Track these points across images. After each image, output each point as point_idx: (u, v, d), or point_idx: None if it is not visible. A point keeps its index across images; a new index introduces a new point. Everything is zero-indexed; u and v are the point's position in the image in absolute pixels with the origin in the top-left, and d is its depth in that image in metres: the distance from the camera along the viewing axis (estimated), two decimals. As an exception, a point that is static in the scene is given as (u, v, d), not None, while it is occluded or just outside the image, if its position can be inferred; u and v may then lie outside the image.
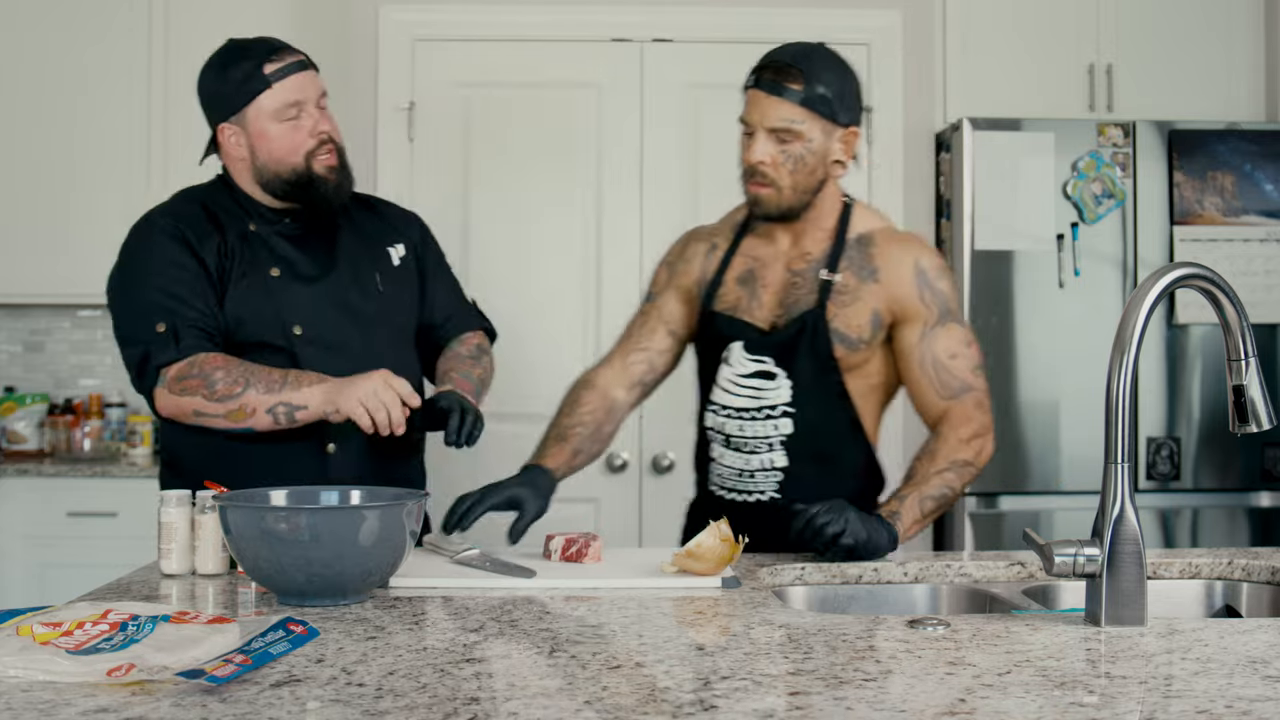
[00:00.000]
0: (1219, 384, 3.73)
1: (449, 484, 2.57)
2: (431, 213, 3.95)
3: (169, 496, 1.94)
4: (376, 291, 2.38)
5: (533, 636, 1.51)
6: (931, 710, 1.19)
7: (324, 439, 2.26)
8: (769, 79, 2.13)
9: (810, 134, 2.14)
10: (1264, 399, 1.62)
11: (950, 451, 2.11)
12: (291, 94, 2.26)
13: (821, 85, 2.13)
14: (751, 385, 2.20)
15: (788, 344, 2.18)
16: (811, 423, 2.19)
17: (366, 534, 1.64)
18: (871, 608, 1.98)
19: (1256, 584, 2.01)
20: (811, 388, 2.18)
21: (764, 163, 2.14)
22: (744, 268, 2.27)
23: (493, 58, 3.98)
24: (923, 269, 2.17)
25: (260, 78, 2.25)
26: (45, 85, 4.03)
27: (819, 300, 2.17)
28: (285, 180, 2.28)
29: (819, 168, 2.16)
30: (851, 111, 2.19)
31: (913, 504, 2.05)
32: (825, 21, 3.98)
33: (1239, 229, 3.75)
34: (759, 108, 2.14)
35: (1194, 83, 4.02)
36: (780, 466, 2.19)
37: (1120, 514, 1.55)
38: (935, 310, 2.17)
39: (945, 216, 3.90)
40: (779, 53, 2.17)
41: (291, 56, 2.28)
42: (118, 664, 1.27)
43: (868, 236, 2.22)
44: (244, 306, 2.25)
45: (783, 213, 2.18)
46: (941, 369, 2.17)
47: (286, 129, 2.27)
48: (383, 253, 2.44)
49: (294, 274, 2.31)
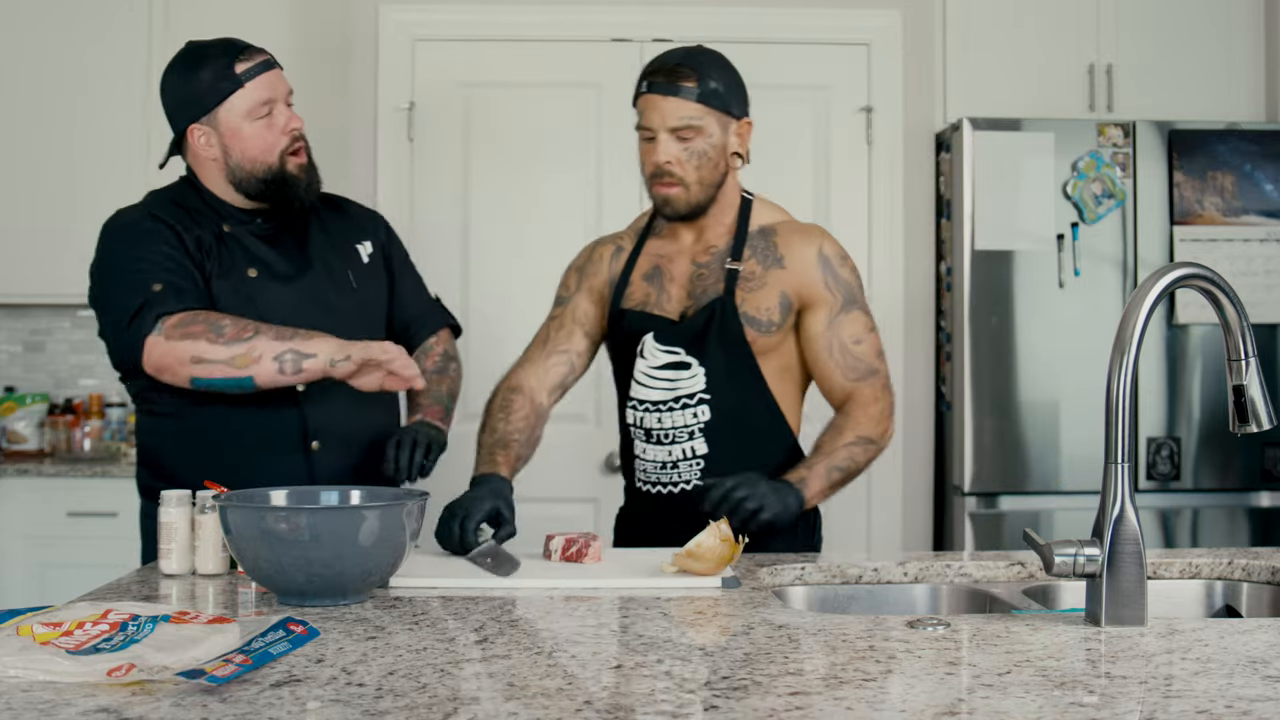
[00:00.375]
0: (1219, 384, 3.73)
1: (436, 483, 2.56)
2: (431, 213, 3.97)
3: (169, 496, 1.93)
4: (351, 289, 2.39)
5: (533, 636, 1.51)
6: (931, 710, 1.19)
7: (308, 437, 2.27)
8: (662, 81, 2.18)
9: (710, 129, 2.19)
10: (1264, 399, 1.62)
11: (857, 427, 2.20)
12: (264, 92, 2.27)
13: (713, 81, 2.19)
14: (666, 376, 2.23)
15: (699, 332, 2.21)
16: (729, 408, 2.22)
17: (366, 534, 1.64)
18: (871, 608, 1.98)
19: (1257, 584, 2.01)
20: (725, 373, 2.22)
21: (670, 162, 2.19)
22: (650, 265, 2.32)
23: (493, 58, 3.98)
24: (826, 257, 2.24)
25: (232, 77, 2.25)
26: (45, 85, 4.03)
27: (727, 288, 2.22)
28: (259, 179, 2.29)
29: (720, 161, 2.23)
30: (743, 104, 2.25)
31: (821, 472, 2.14)
32: (825, 21, 3.98)
33: (1239, 229, 3.75)
34: (657, 110, 2.18)
35: (1194, 83, 4.02)
36: (701, 454, 2.22)
37: (1120, 514, 1.55)
38: (840, 297, 2.24)
39: (945, 216, 3.90)
40: (665, 57, 2.22)
41: (259, 56, 2.29)
42: (118, 664, 1.27)
43: (770, 228, 2.28)
44: (223, 307, 2.25)
45: (692, 209, 2.23)
46: (847, 354, 2.24)
47: (260, 127, 2.27)
48: (352, 250, 2.45)
49: (271, 274, 2.32)
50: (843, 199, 3.97)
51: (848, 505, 3.94)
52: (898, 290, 3.96)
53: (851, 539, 3.95)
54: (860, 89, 3.99)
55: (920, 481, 3.98)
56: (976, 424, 3.71)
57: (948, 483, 3.89)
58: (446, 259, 3.90)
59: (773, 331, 2.22)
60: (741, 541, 1.88)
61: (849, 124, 3.99)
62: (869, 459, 2.22)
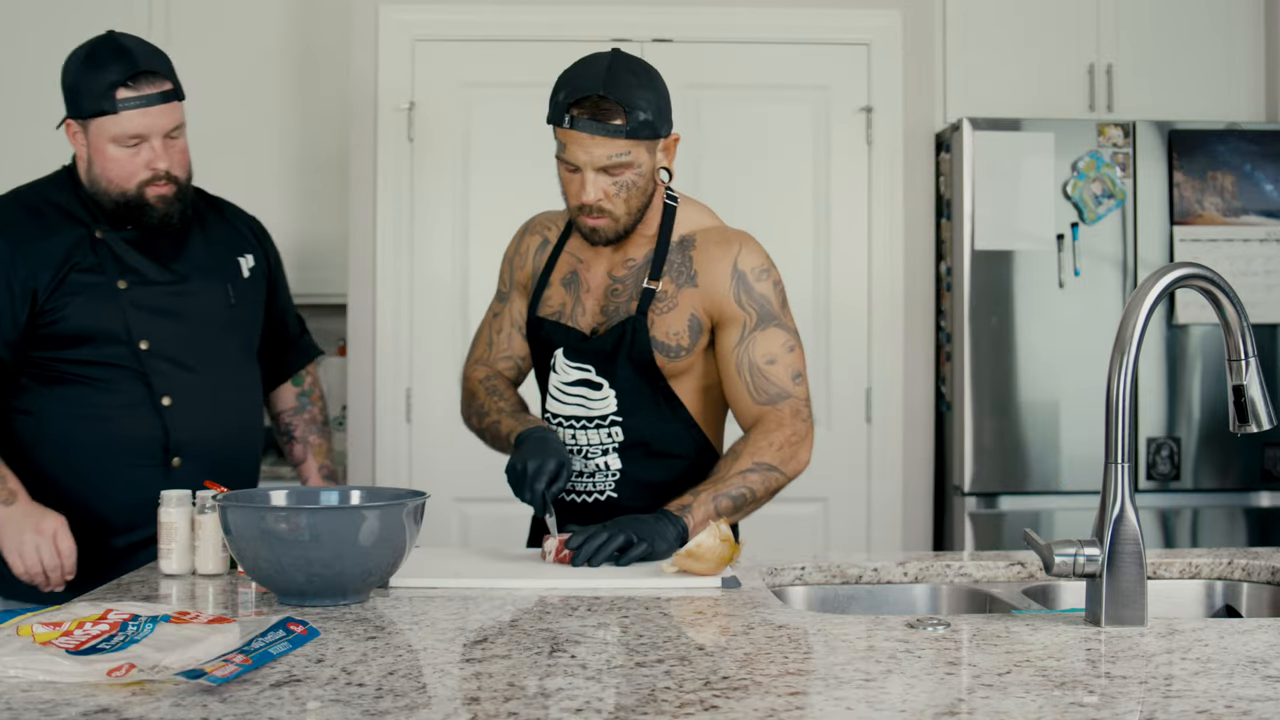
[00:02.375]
0: (1219, 384, 3.73)
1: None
2: (431, 213, 3.97)
3: (169, 496, 1.94)
4: (228, 305, 2.38)
5: (533, 636, 1.51)
6: (931, 710, 1.19)
7: (169, 453, 2.29)
8: (587, 119, 2.03)
9: (639, 159, 2.07)
10: (1264, 399, 1.62)
11: (756, 453, 2.08)
12: (135, 127, 2.23)
13: (642, 111, 2.05)
14: (578, 394, 2.17)
15: (608, 352, 2.14)
16: (642, 429, 2.16)
17: (366, 534, 1.64)
18: (871, 608, 1.98)
19: (1257, 584, 2.01)
20: (636, 396, 2.15)
21: (600, 199, 2.08)
22: (569, 269, 2.23)
23: (493, 58, 3.98)
24: (741, 272, 2.13)
25: (110, 99, 2.21)
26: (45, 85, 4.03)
27: (639, 308, 2.13)
28: (113, 199, 2.27)
29: (649, 185, 2.12)
30: (669, 120, 2.12)
31: (706, 500, 2.03)
32: (825, 21, 3.98)
33: (1239, 229, 3.75)
34: (583, 148, 2.05)
35: (1194, 83, 4.02)
36: (617, 469, 2.17)
37: (1120, 514, 1.55)
38: (754, 314, 2.13)
39: (945, 216, 3.90)
40: (584, 80, 2.05)
41: (152, 86, 2.24)
42: (118, 664, 1.27)
43: (689, 239, 2.17)
44: (89, 319, 2.24)
45: (620, 236, 2.14)
46: (758, 374, 2.13)
47: (123, 154, 2.24)
48: (233, 263, 2.42)
49: (143, 284, 2.29)
50: (843, 199, 3.97)
51: (848, 505, 3.95)
52: (898, 290, 3.95)
53: (851, 539, 3.95)
54: (860, 89, 3.99)
55: (920, 481, 3.98)
56: (976, 424, 3.71)
57: (948, 483, 3.89)
58: (446, 259, 3.90)
59: (682, 356, 2.14)
60: (742, 542, 1.88)
61: (849, 124, 3.99)
62: (770, 489, 2.09)
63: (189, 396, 2.31)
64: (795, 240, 3.93)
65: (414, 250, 3.91)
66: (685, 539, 1.98)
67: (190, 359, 2.32)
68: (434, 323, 3.90)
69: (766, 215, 3.92)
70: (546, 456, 2.04)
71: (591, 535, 1.94)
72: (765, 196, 3.93)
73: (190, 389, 2.30)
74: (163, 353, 2.28)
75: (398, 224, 3.90)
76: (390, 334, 3.89)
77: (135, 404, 2.26)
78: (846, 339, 3.95)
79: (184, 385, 2.29)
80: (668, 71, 3.99)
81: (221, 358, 2.37)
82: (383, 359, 3.89)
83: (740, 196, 3.90)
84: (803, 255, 3.94)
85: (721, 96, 3.96)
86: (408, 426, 3.89)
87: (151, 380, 2.27)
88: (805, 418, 2.14)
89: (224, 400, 2.37)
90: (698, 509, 2.02)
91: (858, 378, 3.95)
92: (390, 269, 3.89)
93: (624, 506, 2.13)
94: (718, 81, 3.96)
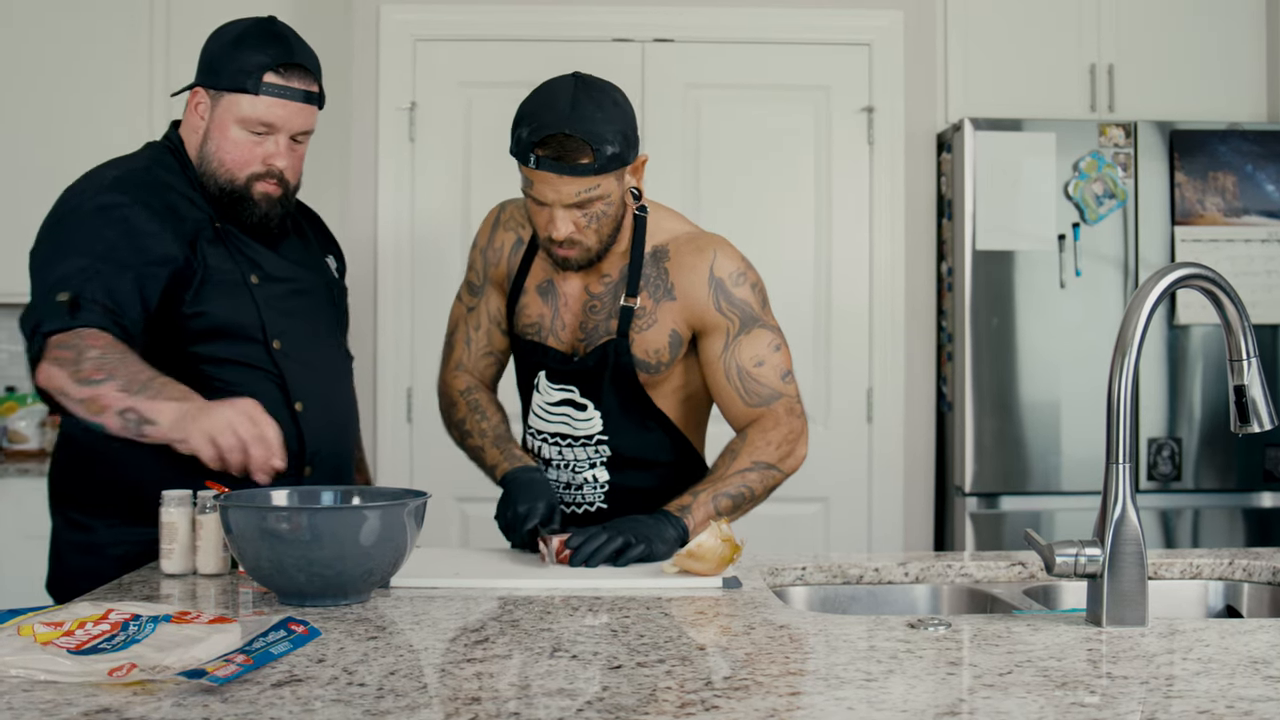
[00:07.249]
0: (1220, 384, 3.73)
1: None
2: (431, 213, 3.97)
3: (169, 496, 1.93)
4: (332, 304, 2.28)
5: (533, 636, 1.51)
6: (932, 710, 1.19)
7: (303, 462, 2.12)
8: (553, 161, 1.97)
9: (608, 190, 2.02)
10: (1265, 399, 1.62)
11: (754, 452, 2.08)
12: (269, 115, 2.09)
13: (609, 144, 1.98)
14: (562, 413, 2.16)
15: (591, 373, 2.13)
16: (629, 444, 2.16)
17: (367, 534, 1.64)
18: (872, 608, 1.98)
19: (1257, 584, 2.01)
20: (622, 415, 2.15)
21: (571, 233, 2.04)
22: (544, 275, 2.18)
23: (493, 58, 3.98)
24: (719, 279, 2.10)
25: (256, 80, 2.08)
26: (45, 85, 4.03)
27: (620, 328, 2.10)
28: (219, 185, 2.11)
29: (619, 210, 2.08)
30: (636, 144, 2.06)
31: (705, 500, 2.03)
32: (825, 21, 3.98)
33: (1240, 229, 3.75)
34: (552, 188, 2.00)
35: (1195, 83, 4.02)
36: (605, 480, 2.16)
37: (1121, 514, 1.55)
38: (736, 319, 2.11)
39: (946, 217, 3.90)
40: (548, 118, 1.98)
41: (300, 82, 2.11)
42: (119, 664, 1.27)
43: (662, 249, 2.14)
44: (228, 313, 2.08)
45: (593, 262, 2.10)
46: (748, 378, 2.11)
47: (246, 140, 2.10)
48: (324, 262, 2.31)
49: (269, 281, 2.14)
50: (844, 199, 3.97)
51: (849, 505, 3.95)
52: (899, 290, 3.95)
53: (852, 539, 3.95)
54: (861, 89, 3.99)
55: (921, 481, 3.98)
56: (977, 424, 3.71)
57: (949, 483, 3.89)
58: (446, 259, 3.90)
59: (663, 370, 2.13)
60: (742, 542, 1.88)
61: (850, 124, 3.99)
62: (768, 486, 2.09)
63: (315, 401, 2.15)
64: (796, 241, 3.93)
65: (415, 250, 3.91)
66: (685, 540, 1.98)
67: (314, 360, 2.17)
68: (435, 323, 3.90)
69: (767, 216, 3.92)
70: (536, 500, 2.04)
71: (590, 536, 1.94)
72: (766, 197, 3.94)
73: (315, 393, 2.15)
74: (292, 353, 2.13)
75: (398, 224, 3.90)
76: (391, 334, 3.90)
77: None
78: (847, 339, 3.95)
79: (311, 388, 2.14)
80: (668, 71, 4.02)
81: (332, 359, 2.24)
82: (384, 359, 3.89)
83: (740, 197, 3.91)
84: (804, 256, 3.94)
85: (722, 96, 3.96)
86: (408, 426, 3.89)
87: (288, 383, 2.11)
88: (799, 414, 2.14)
89: (338, 404, 2.23)
90: (698, 509, 2.02)
91: (859, 378, 3.95)
92: (391, 269, 3.89)
93: (614, 517, 2.11)
94: (718, 81, 3.96)
